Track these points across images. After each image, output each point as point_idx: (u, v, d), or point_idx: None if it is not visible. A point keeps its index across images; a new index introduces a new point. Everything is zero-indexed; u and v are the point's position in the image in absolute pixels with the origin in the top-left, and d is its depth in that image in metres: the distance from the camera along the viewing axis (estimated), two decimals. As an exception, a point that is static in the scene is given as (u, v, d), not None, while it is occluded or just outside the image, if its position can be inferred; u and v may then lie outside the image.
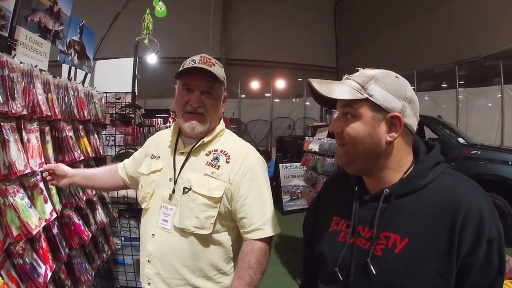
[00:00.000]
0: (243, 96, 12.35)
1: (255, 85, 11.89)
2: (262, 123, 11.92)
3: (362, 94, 0.88)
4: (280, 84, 11.76)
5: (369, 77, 0.89)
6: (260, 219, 1.30)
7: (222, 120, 1.47)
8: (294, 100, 12.18)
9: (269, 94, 12.23)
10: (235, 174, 1.30)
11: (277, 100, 12.22)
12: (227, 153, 1.34)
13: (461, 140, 5.05)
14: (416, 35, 9.20)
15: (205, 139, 1.35)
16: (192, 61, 1.31)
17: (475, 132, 6.66)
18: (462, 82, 7.74)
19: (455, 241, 0.80)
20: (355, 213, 0.96)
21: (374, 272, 0.87)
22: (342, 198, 1.05)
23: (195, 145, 1.35)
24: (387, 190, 0.90)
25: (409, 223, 0.86)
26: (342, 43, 13.88)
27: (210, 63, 1.31)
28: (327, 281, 1.01)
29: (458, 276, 0.81)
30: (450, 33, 8.04)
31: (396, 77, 0.90)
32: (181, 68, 1.32)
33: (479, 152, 4.75)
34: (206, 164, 1.33)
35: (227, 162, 1.32)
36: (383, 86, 0.87)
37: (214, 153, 1.35)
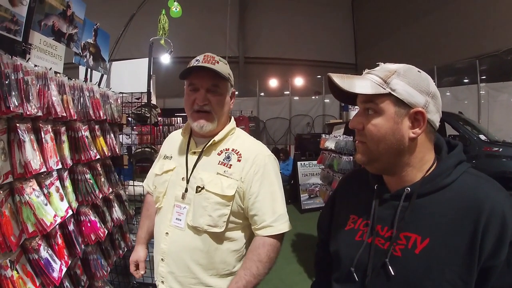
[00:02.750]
0: (262, 94, 12.36)
1: (273, 83, 11.89)
2: (281, 121, 11.91)
3: (385, 89, 0.85)
4: (299, 81, 11.71)
5: (391, 71, 0.87)
6: (271, 216, 1.31)
7: (232, 119, 1.49)
8: (313, 97, 12.10)
9: (287, 92, 12.18)
10: (246, 172, 1.32)
11: (296, 97, 12.17)
12: (239, 152, 1.36)
13: (482, 137, 4.93)
14: (436, 29, 9.00)
15: (216, 138, 1.37)
16: (196, 60, 1.34)
17: (497, 129, 6.45)
18: (484, 77, 7.50)
19: (477, 243, 0.77)
20: (374, 211, 0.94)
21: (393, 273, 0.85)
22: (360, 196, 1.03)
23: (207, 144, 1.37)
24: (408, 188, 0.88)
25: (430, 223, 0.84)
26: (361, 39, 13.71)
27: (213, 61, 1.32)
28: (342, 281, 0.99)
29: (478, 279, 0.79)
30: (470, 26, 7.81)
31: (418, 71, 0.89)
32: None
33: (501, 149, 4.61)
34: (218, 163, 1.35)
35: (239, 160, 1.34)
36: (406, 80, 0.85)
37: (225, 152, 1.37)
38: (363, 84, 0.88)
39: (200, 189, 1.31)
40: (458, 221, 0.80)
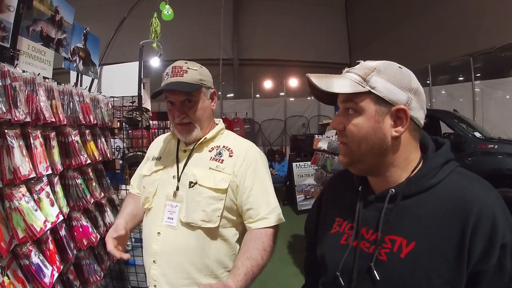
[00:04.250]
0: (257, 96, 12.36)
1: (268, 84, 11.87)
2: (276, 122, 11.89)
3: (364, 87, 0.82)
4: (293, 82, 11.68)
5: (370, 69, 0.84)
6: (266, 209, 1.33)
7: (221, 121, 1.51)
8: (308, 98, 12.10)
9: (282, 93, 12.19)
10: (239, 167, 1.34)
11: (291, 98, 12.15)
12: (230, 148, 1.39)
13: (477, 134, 4.88)
14: (430, 27, 9.05)
15: (207, 136, 1.40)
16: (166, 74, 1.36)
17: (493, 126, 6.43)
18: (478, 74, 7.50)
19: (465, 246, 0.74)
20: (358, 214, 0.91)
21: (378, 278, 0.81)
22: (345, 198, 1.00)
23: (198, 142, 1.40)
24: (393, 190, 0.85)
25: (416, 225, 0.80)
26: (355, 38, 13.76)
27: (181, 72, 1.33)
28: (328, 285, 0.97)
29: (467, 284, 0.75)
30: (464, 24, 7.85)
31: (400, 67, 0.86)
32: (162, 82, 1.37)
33: (496, 146, 4.56)
34: (210, 159, 1.37)
35: (230, 156, 1.37)
36: (386, 77, 0.82)
37: (217, 149, 1.40)
38: (341, 83, 0.85)
39: (193, 184, 1.32)
40: (445, 223, 0.77)
